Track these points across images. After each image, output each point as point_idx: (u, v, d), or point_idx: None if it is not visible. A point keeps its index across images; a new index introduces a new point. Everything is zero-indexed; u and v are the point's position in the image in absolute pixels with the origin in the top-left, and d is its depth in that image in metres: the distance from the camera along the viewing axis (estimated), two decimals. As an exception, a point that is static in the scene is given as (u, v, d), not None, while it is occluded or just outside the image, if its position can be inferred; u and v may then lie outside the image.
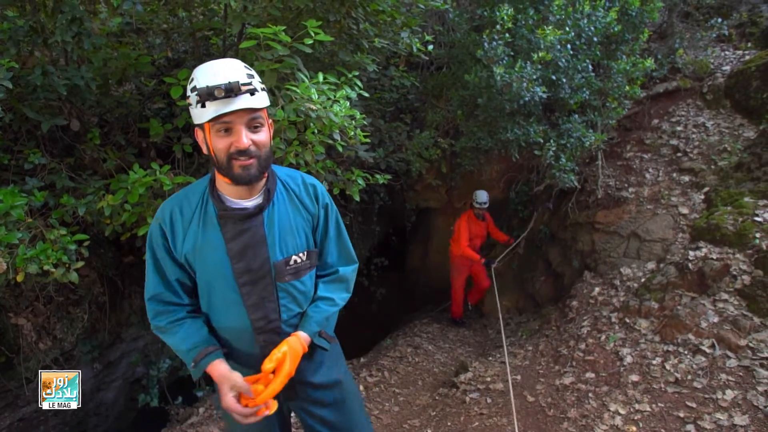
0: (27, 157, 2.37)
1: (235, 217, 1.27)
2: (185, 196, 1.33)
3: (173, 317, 1.35)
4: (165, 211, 1.31)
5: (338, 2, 2.37)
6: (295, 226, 1.36)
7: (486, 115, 3.46)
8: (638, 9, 3.43)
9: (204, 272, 1.32)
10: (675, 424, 2.43)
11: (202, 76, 1.14)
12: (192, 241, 1.29)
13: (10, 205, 2.04)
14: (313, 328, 1.41)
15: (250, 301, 1.33)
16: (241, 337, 1.38)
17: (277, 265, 1.33)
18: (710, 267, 3.13)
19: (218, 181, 1.30)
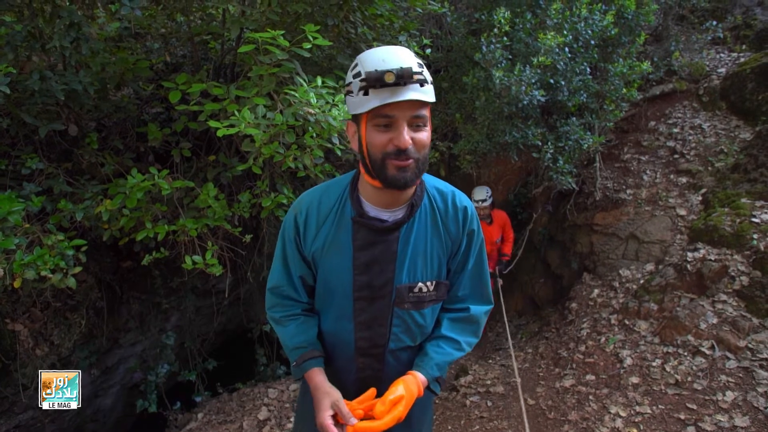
0: (24, 162, 2.36)
1: (369, 227, 1.16)
2: (325, 191, 1.22)
3: (289, 312, 1.29)
4: (302, 204, 1.22)
5: (336, 7, 2.37)
6: (430, 250, 1.21)
7: (484, 118, 3.47)
8: (634, 12, 3.46)
9: (324, 274, 1.23)
10: (676, 426, 2.43)
11: (368, 61, 1.01)
12: (322, 239, 1.20)
13: (7, 210, 2.03)
14: (434, 372, 1.26)
15: (361, 318, 1.23)
16: (342, 349, 1.29)
17: (399, 289, 1.20)
18: (708, 268, 3.14)
19: (362, 183, 1.16)
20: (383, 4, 2.77)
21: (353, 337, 1.25)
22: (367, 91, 0.98)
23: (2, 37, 2.05)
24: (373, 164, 1.05)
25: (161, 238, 2.54)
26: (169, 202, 2.56)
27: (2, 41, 2.05)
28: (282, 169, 2.67)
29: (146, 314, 4.34)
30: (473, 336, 1.34)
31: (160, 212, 2.56)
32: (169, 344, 4.31)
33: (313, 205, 1.21)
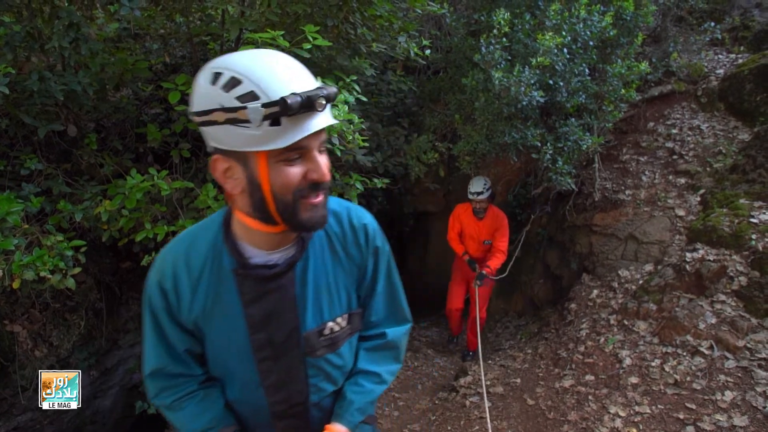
0: (23, 163, 2.36)
1: (258, 277, 0.96)
2: (192, 244, 0.99)
3: (183, 391, 1.05)
4: (166, 266, 0.99)
5: (336, 7, 2.38)
6: (334, 283, 1.04)
7: (483, 119, 3.47)
8: (632, 13, 3.47)
9: (214, 341, 1.02)
10: (675, 426, 2.43)
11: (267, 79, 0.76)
12: (201, 302, 0.99)
13: (6, 211, 2.03)
14: (356, 418, 1.11)
15: (270, 381, 1.04)
16: (256, 417, 1.10)
17: (307, 337, 1.02)
18: (707, 268, 3.15)
19: (238, 225, 0.96)
20: (382, 5, 2.78)
21: (266, 402, 1.07)
22: (279, 121, 0.76)
23: (1, 38, 2.05)
24: (280, 208, 0.85)
25: (161, 239, 2.54)
26: (169, 203, 2.56)
27: (1, 42, 2.05)
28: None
29: (145, 315, 4.34)
30: (395, 362, 1.20)
31: (160, 213, 2.56)
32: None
33: (180, 264, 0.97)
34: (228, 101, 0.76)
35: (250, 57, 0.79)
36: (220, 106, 0.76)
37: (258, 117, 0.75)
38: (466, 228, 4.16)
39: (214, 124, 0.78)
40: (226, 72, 0.76)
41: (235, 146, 0.78)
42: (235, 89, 0.75)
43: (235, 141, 0.78)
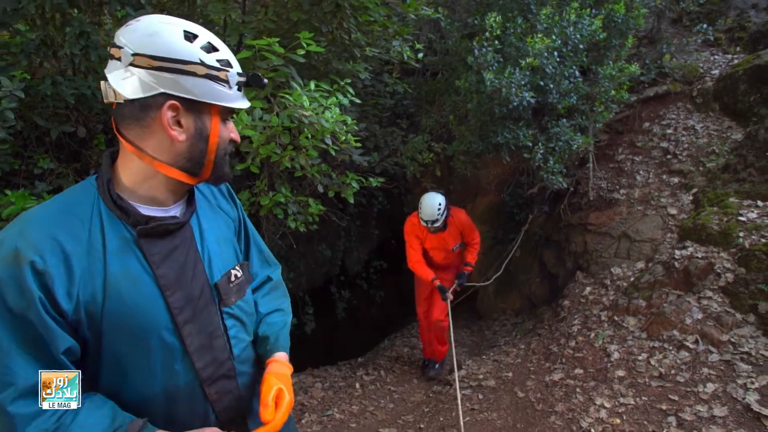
0: (37, 162, 2.51)
1: (164, 232, 0.93)
2: (67, 211, 0.87)
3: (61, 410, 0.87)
4: (38, 240, 0.82)
5: (330, 14, 2.50)
6: (222, 236, 1.09)
7: (477, 120, 3.58)
8: (623, 16, 3.55)
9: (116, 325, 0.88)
10: (657, 417, 2.51)
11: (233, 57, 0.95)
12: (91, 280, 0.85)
13: (21, 207, 2.16)
14: (285, 342, 1.18)
15: (195, 345, 0.97)
16: (182, 400, 0.98)
17: (220, 285, 1.02)
18: (695, 265, 3.22)
19: (130, 181, 0.92)
20: (377, 10, 2.89)
21: (193, 372, 0.98)
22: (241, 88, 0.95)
23: (17, 45, 2.19)
24: (216, 159, 0.95)
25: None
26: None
27: (17, 49, 2.19)
28: (280, 169, 2.79)
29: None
30: (286, 297, 1.30)
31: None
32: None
33: (49, 240, 0.83)
34: (209, 61, 0.88)
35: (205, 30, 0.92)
36: (200, 62, 0.87)
37: (234, 81, 0.92)
38: (429, 241, 3.62)
39: (186, 73, 0.85)
40: (200, 36, 0.88)
41: (207, 98, 0.89)
42: (216, 54, 0.89)
43: (209, 93, 0.89)
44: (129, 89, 0.84)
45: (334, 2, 2.47)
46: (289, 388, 1.05)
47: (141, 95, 0.84)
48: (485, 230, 5.93)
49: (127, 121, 0.88)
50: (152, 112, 0.86)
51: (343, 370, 4.45)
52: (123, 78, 0.85)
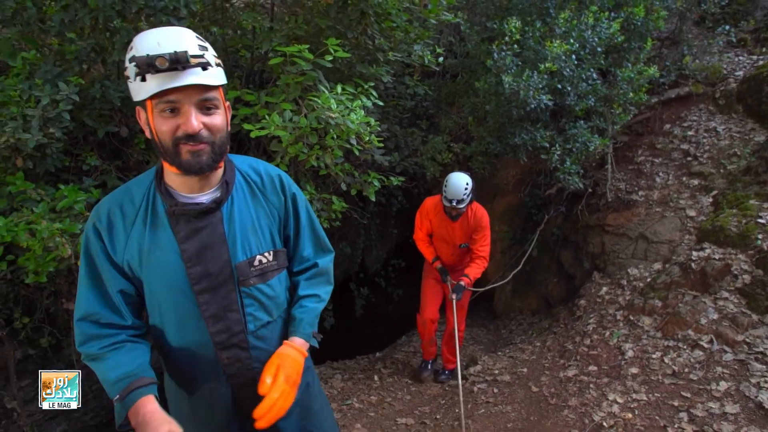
0: (85, 160, 2.72)
1: (189, 214, 1.10)
2: (127, 192, 1.14)
3: (109, 341, 1.11)
4: (101, 212, 1.11)
5: (355, 21, 2.64)
6: (258, 223, 1.21)
7: (495, 121, 3.67)
8: (643, 19, 3.59)
9: (152, 281, 1.13)
10: (669, 412, 2.57)
11: (142, 44, 0.95)
12: (136, 244, 1.10)
13: (73, 200, 2.38)
14: (307, 330, 1.28)
15: (210, 312, 1.15)
16: (201, 354, 1.19)
17: (239, 267, 1.17)
18: (712, 267, 3.24)
19: (167, 173, 1.11)
20: (400, 15, 3.02)
21: (208, 335, 1.17)
22: (144, 77, 0.95)
23: (71, 53, 2.40)
24: (166, 151, 1.02)
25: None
26: (206, 196, 2.88)
27: (71, 56, 2.41)
28: (306, 168, 2.95)
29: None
30: (327, 284, 1.41)
31: (198, 205, 2.87)
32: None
33: (115, 210, 1.11)
34: (126, 63, 0.99)
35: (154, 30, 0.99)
36: (127, 67, 0.99)
37: (132, 74, 0.96)
38: (437, 229, 3.38)
39: (127, 80, 1.00)
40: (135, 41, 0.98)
41: (134, 97, 1.00)
42: (129, 54, 0.98)
43: (132, 93, 1.01)
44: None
45: (359, 10, 2.61)
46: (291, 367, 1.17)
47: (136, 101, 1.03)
48: (504, 230, 6.00)
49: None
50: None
51: (362, 363, 4.59)
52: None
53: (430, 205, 3.41)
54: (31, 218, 2.26)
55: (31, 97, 2.20)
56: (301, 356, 1.23)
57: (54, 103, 2.21)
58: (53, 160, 2.50)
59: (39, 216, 2.29)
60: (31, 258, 2.26)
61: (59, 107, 2.20)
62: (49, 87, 2.20)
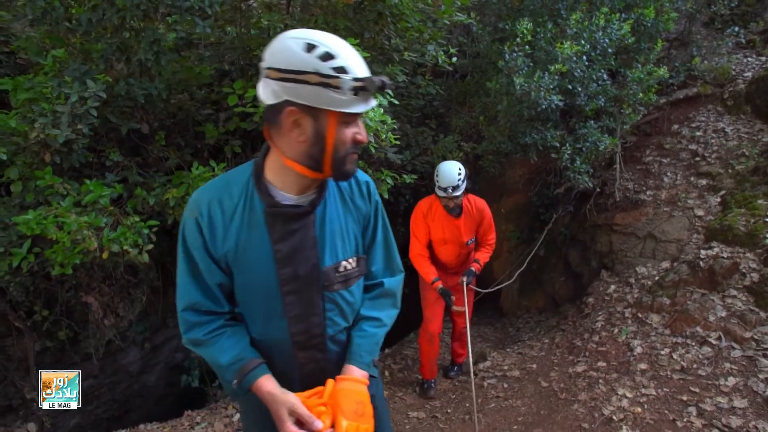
0: (108, 156, 2.80)
1: (286, 216, 1.12)
2: (225, 186, 1.14)
3: (211, 327, 1.17)
4: (201, 204, 1.12)
5: (372, 22, 2.70)
6: (345, 228, 1.22)
7: (506, 121, 3.72)
8: (653, 20, 3.63)
9: (243, 277, 1.16)
10: (678, 407, 2.62)
11: (351, 61, 1.00)
12: (234, 239, 1.12)
13: (98, 194, 2.46)
14: (366, 359, 1.24)
15: (293, 313, 1.18)
16: (279, 350, 1.23)
17: (326, 272, 1.18)
18: (720, 265, 3.28)
19: (275, 172, 1.12)
20: (414, 16, 3.08)
21: (288, 334, 1.20)
22: (358, 93, 1.00)
23: (97, 51, 2.48)
24: (335, 158, 1.06)
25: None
26: (224, 192, 2.95)
27: (97, 55, 2.48)
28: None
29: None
30: (393, 308, 1.35)
31: (217, 200, 2.94)
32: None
33: (214, 204, 1.12)
34: (324, 69, 0.97)
35: (332, 39, 1.01)
36: (314, 71, 0.97)
37: (347, 87, 0.99)
38: (439, 231, 3.10)
39: (303, 83, 0.97)
40: (320, 46, 0.97)
41: (320, 104, 0.99)
42: (331, 62, 0.97)
43: (322, 100, 0.99)
44: (267, 96, 1.02)
45: (376, 11, 2.67)
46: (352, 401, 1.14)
47: (273, 101, 1.02)
48: (510, 229, 6.05)
49: (268, 122, 1.08)
50: (279, 116, 1.02)
51: (371, 359, 4.65)
52: (263, 87, 1.03)
53: (425, 208, 3.11)
54: (59, 212, 2.33)
55: (61, 94, 2.27)
56: (361, 385, 1.20)
57: (82, 100, 2.28)
58: (78, 155, 2.57)
59: (66, 210, 2.36)
60: (58, 250, 2.33)
61: (87, 104, 2.27)
62: (78, 84, 2.27)
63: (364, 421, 1.13)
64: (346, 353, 1.26)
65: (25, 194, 2.44)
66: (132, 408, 4.65)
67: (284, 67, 0.98)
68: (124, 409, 4.63)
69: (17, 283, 2.96)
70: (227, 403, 3.70)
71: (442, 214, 3.06)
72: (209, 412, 3.48)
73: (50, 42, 2.63)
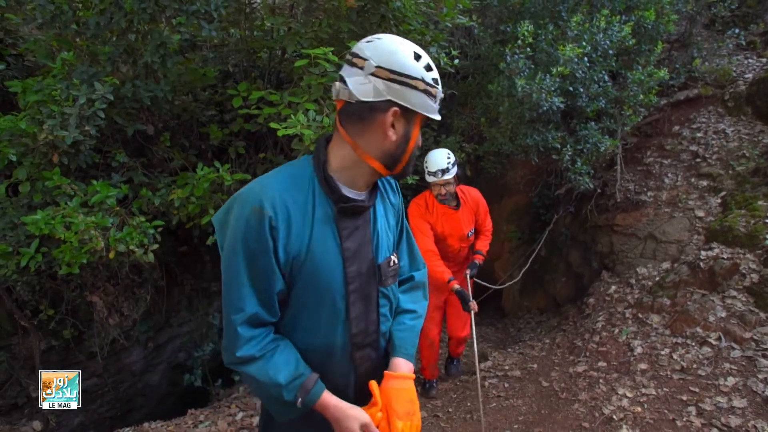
0: (114, 156, 2.84)
1: (354, 211, 1.11)
2: (292, 181, 1.07)
3: (265, 342, 1.07)
4: (274, 200, 1.02)
5: (376, 24, 2.73)
6: (388, 223, 1.23)
7: (507, 122, 3.75)
8: (653, 22, 3.66)
9: (309, 279, 1.08)
10: (677, 406, 2.64)
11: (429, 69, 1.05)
12: (307, 239, 1.06)
13: (105, 195, 2.49)
14: (411, 350, 1.25)
15: (356, 312, 1.14)
16: (332, 357, 1.16)
17: (382, 267, 1.17)
18: (720, 266, 3.31)
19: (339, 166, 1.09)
20: (416, 18, 3.11)
21: (348, 336, 1.15)
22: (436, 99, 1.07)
23: (104, 54, 2.51)
24: (410, 159, 1.11)
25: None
26: (229, 192, 2.98)
27: (104, 57, 2.52)
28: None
29: (194, 297, 4.81)
30: (425, 299, 1.38)
31: (221, 200, 2.98)
32: (215, 324, 4.74)
33: (288, 201, 1.04)
34: (428, 78, 1.04)
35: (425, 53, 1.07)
36: (422, 78, 1.02)
37: (439, 97, 1.08)
38: (440, 228, 3.00)
39: (411, 87, 1.01)
40: (423, 57, 1.04)
41: (421, 109, 1.04)
42: (432, 73, 1.05)
43: (422, 105, 1.04)
44: (365, 93, 1.00)
45: (379, 14, 2.71)
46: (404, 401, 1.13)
47: (372, 99, 1.01)
48: (511, 230, 6.07)
49: (352, 117, 1.04)
50: (377, 113, 1.02)
51: (373, 359, 4.68)
52: (362, 83, 1.01)
53: (422, 205, 3.02)
54: (67, 212, 2.37)
55: (69, 96, 2.31)
56: (410, 381, 1.19)
57: (90, 102, 2.32)
58: (85, 156, 2.61)
59: (73, 210, 2.40)
60: (66, 250, 2.37)
61: (95, 106, 2.31)
62: (86, 87, 2.31)
63: (415, 417, 1.14)
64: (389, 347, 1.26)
65: (33, 194, 2.47)
66: (135, 407, 4.68)
67: (397, 70, 1.00)
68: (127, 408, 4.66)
69: (24, 283, 3.00)
70: (230, 402, 3.73)
71: (441, 209, 2.99)
72: (212, 411, 3.51)
73: (58, 45, 2.67)
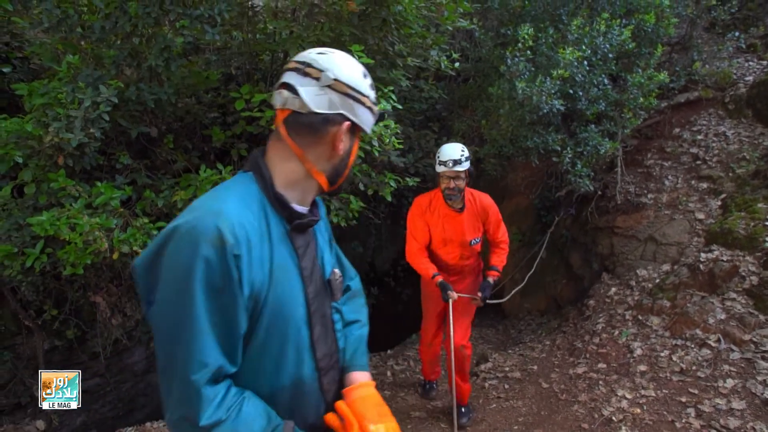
0: (118, 158, 2.86)
1: (305, 228, 1.04)
2: (244, 203, 0.94)
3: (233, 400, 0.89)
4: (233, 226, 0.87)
5: (377, 28, 2.76)
6: (325, 236, 1.19)
7: (508, 125, 3.77)
8: (653, 26, 3.68)
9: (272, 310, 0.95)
10: (677, 408, 2.65)
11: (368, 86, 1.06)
12: (267, 267, 0.94)
13: (109, 196, 2.52)
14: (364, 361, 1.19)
15: (317, 335, 1.05)
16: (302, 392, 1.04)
17: (331, 282, 1.12)
18: (720, 268, 3.32)
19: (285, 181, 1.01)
20: (417, 22, 3.14)
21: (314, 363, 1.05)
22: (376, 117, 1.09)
23: (109, 57, 2.55)
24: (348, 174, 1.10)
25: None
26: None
27: (109, 61, 2.55)
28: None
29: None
30: (365, 307, 1.32)
31: (223, 202, 3.00)
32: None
33: (240, 228, 0.89)
34: (372, 97, 1.06)
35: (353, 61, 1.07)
36: (368, 96, 1.04)
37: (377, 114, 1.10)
38: (440, 229, 2.86)
39: (360, 103, 1.02)
40: (368, 76, 1.06)
41: (364, 124, 1.05)
42: (373, 92, 1.07)
43: (365, 121, 1.05)
44: (320, 104, 0.98)
45: (380, 18, 2.73)
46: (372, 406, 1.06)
47: (326, 111, 0.98)
48: (513, 232, 6.09)
49: (302, 129, 0.99)
50: (331, 126, 1.00)
51: (374, 361, 4.70)
52: (317, 94, 0.97)
53: (424, 203, 2.90)
54: (71, 213, 2.40)
55: (75, 99, 2.34)
56: (371, 387, 1.12)
57: (95, 105, 2.35)
58: (90, 158, 2.64)
59: (78, 211, 2.42)
60: (71, 251, 2.40)
61: (100, 109, 2.34)
62: (91, 90, 2.34)
63: (388, 419, 1.05)
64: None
65: (38, 196, 2.50)
66: (137, 407, 4.71)
67: (352, 85, 1.01)
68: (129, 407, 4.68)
69: (29, 283, 3.03)
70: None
71: (443, 210, 2.82)
72: (214, 411, 3.52)
73: (63, 48, 2.70)
